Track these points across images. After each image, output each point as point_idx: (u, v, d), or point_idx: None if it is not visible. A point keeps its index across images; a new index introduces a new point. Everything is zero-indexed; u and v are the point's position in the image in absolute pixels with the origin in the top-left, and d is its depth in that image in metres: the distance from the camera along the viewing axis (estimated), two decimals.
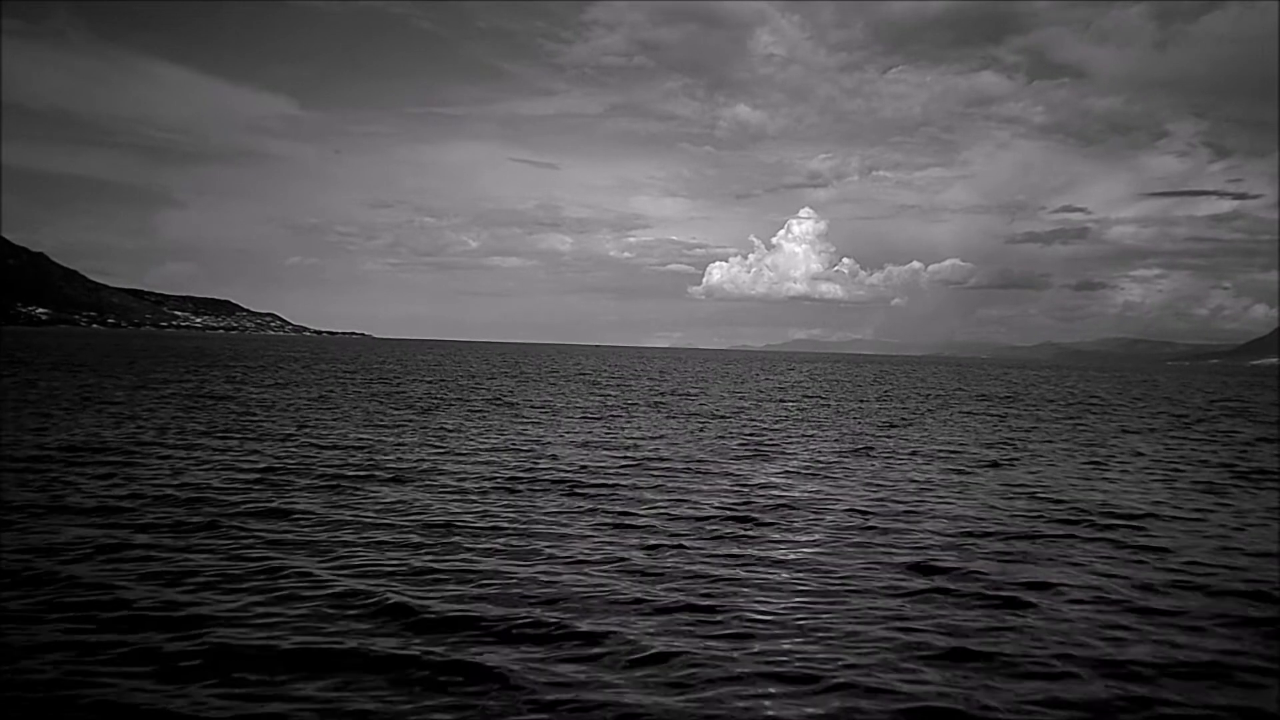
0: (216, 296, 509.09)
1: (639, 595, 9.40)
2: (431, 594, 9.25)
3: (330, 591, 9.22)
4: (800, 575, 10.48)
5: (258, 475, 16.21)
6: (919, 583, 10.30)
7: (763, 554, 11.44)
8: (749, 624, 8.64)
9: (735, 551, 11.56)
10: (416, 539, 11.69)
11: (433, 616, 8.53)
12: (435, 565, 10.36)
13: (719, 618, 8.78)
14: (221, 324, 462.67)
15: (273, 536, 11.57)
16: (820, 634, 8.42)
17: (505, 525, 12.66)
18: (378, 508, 13.66)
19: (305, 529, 12.11)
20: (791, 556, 11.36)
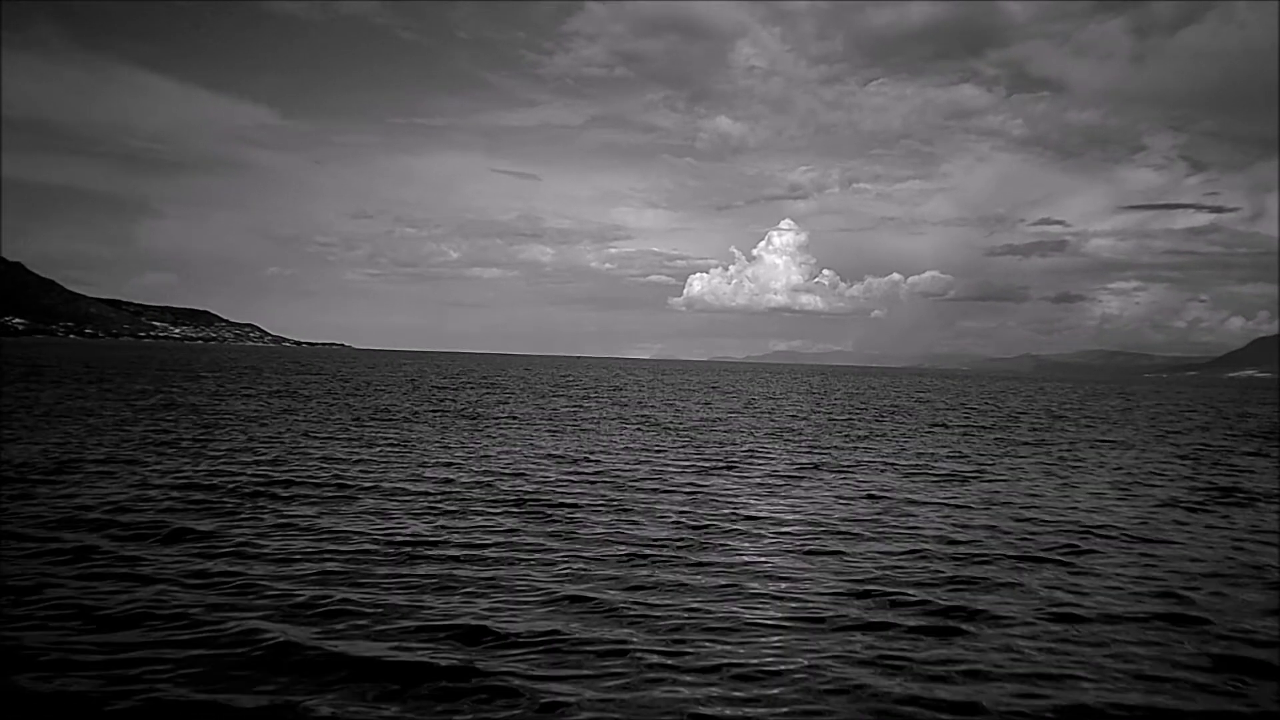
0: (196, 307, 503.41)
1: (560, 630, 8.59)
2: (327, 633, 8.37)
3: (210, 630, 8.30)
4: (745, 605, 9.73)
5: (175, 493, 15.23)
6: (869, 610, 9.61)
7: (706, 581, 10.66)
8: (676, 668, 7.82)
9: (675, 580, 10.74)
10: (328, 566, 10.77)
11: (324, 659, 7.66)
12: (341, 596, 9.44)
13: (646, 658, 7.98)
14: (200, 334, 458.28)
15: (163, 564, 10.62)
16: (756, 678, 7.64)
17: (435, 549, 11.80)
18: (297, 529, 12.75)
19: (204, 554, 11.16)
20: (737, 583, 10.60)
